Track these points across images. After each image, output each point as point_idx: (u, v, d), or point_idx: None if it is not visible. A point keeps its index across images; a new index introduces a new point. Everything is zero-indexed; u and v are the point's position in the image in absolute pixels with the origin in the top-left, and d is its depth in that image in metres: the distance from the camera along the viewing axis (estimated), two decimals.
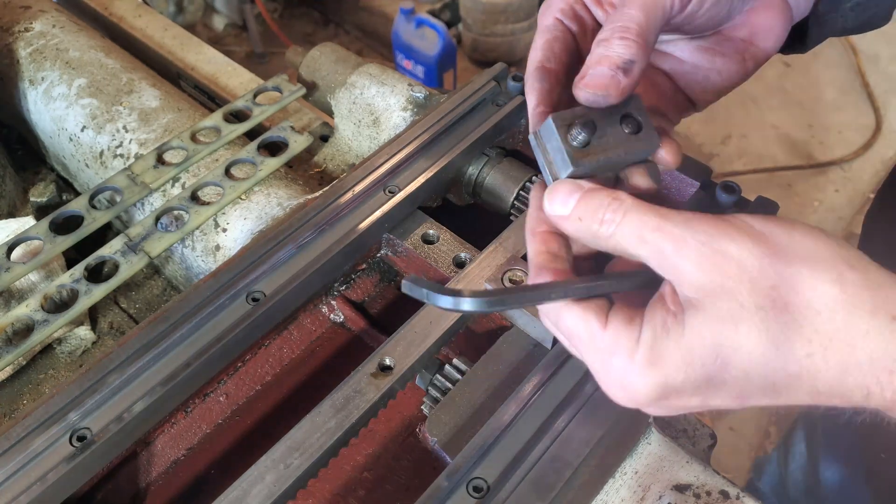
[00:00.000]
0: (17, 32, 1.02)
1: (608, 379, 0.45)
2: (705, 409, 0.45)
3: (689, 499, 0.62)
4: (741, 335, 0.40)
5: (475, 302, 0.43)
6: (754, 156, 2.96)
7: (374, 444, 0.69)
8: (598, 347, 0.45)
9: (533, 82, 0.52)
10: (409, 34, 2.85)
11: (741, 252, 0.41)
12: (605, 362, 0.45)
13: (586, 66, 0.48)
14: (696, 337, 0.41)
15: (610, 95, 0.47)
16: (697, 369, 0.41)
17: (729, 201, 0.76)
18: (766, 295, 0.40)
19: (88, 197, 0.82)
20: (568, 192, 0.46)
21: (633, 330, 0.43)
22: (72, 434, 0.60)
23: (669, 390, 0.42)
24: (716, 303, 0.41)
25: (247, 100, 0.94)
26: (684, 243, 0.41)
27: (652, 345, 0.42)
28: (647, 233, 0.42)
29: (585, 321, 0.45)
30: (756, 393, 0.42)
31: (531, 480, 0.58)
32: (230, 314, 0.68)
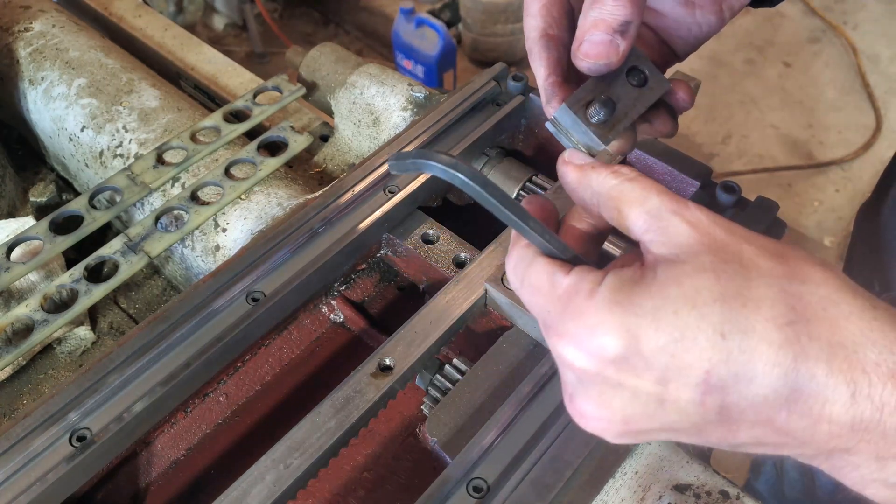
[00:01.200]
0: (16, 32, 1.02)
1: (559, 325, 0.39)
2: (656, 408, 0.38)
3: (690, 499, 0.62)
4: (722, 286, 0.36)
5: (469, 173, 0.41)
6: (754, 156, 2.96)
7: (374, 444, 0.69)
8: (557, 294, 0.40)
9: (539, 51, 0.50)
10: (409, 34, 2.85)
11: (730, 231, 0.39)
12: (561, 307, 0.40)
13: (581, 31, 0.47)
14: (670, 282, 0.37)
15: (611, 62, 0.46)
16: (669, 317, 0.36)
17: (729, 201, 0.76)
18: (751, 260, 0.38)
19: (88, 197, 0.82)
20: (588, 157, 0.47)
21: (597, 274, 0.40)
22: (72, 434, 0.60)
23: (632, 345, 0.37)
24: (698, 256, 0.38)
25: (247, 100, 0.94)
26: (685, 207, 0.40)
27: (618, 287, 0.38)
28: (654, 192, 0.41)
29: (549, 273, 0.41)
30: (727, 378, 0.36)
31: (531, 480, 0.58)
32: (230, 314, 0.68)
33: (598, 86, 0.48)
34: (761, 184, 2.85)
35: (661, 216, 0.40)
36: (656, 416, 0.39)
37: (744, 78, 3.26)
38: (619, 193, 0.42)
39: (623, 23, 0.45)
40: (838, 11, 3.48)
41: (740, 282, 0.37)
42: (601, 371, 0.38)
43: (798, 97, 3.17)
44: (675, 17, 0.56)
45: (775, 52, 3.35)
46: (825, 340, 0.36)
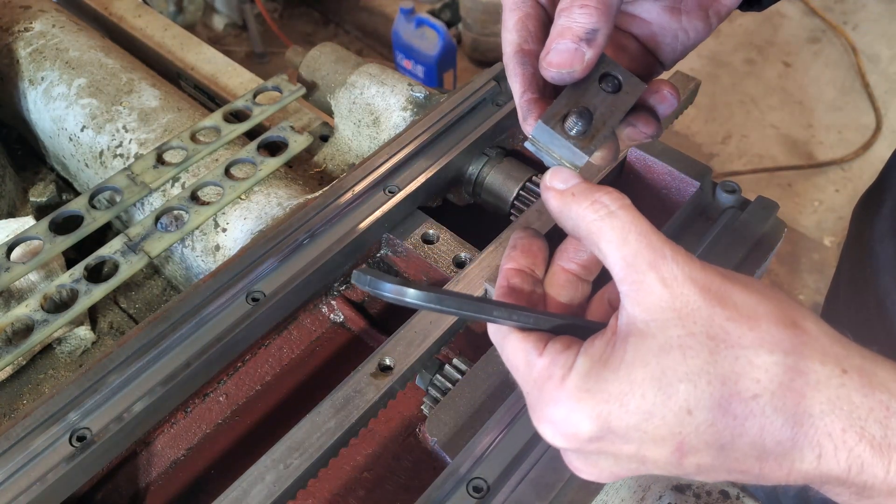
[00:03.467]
0: (16, 32, 1.02)
1: (538, 410, 0.41)
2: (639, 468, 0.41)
3: (689, 499, 0.62)
4: (688, 365, 0.37)
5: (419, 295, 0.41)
6: (754, 156, 2.96)
7: (374, 444, 0.69)
8: (533, 377, 0.42)
9: (514, 67, 0.49)
10: (409, 34, 2.85)
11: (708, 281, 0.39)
12: (538, 391, 0.41)
13: (549, 41, 0.46)
14: (637, 363, 0.38)
15: (575, 70, 0.45)
16: (636, 400, 0.38)
17: (729, 201, 0.76)
18: (721, 327, 0.38)
19: (88, 197, 0.82)
20: (571, 174, 0.45)
21: (569, 356, 0.41)
22: (72, 434, 0.60)
23: (603, 427, 0.39)
24: (666, 329, 0.38)
25: (247, 100, 0.94)
26: (663, 259, 0.39)
27: (587, 372, 0.39)
28: (633, 234, 0.40)
29: (524, 351, 0.43)
30: (697, 444, 0.38)
31: (531, 480, 0.58)
32: (230, 314, 0.68)
33: (573, 97, 0.47)
34: (761, 184, 2.85)
35: (637, 267, 0.40)
36: (641, 469, 0.41)
37: (744, 78, 3.26)
38: (598, 231, 0.42)
39: (589, 31, 0.45)
40: (838, 11, 3.49)
41: (706, 357, 0.38)
42: (581, 448, 0.41)
43: (798, 97, 3.18)
44: (661, 24, 0.55)
45: (775, 52, 3.35)
46: (790, 411, 0.38)
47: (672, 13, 0.55)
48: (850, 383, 0.38)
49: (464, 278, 0.70)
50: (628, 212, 0.41)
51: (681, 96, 0.52)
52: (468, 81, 0.90)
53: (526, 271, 0.48)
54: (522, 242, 0.50)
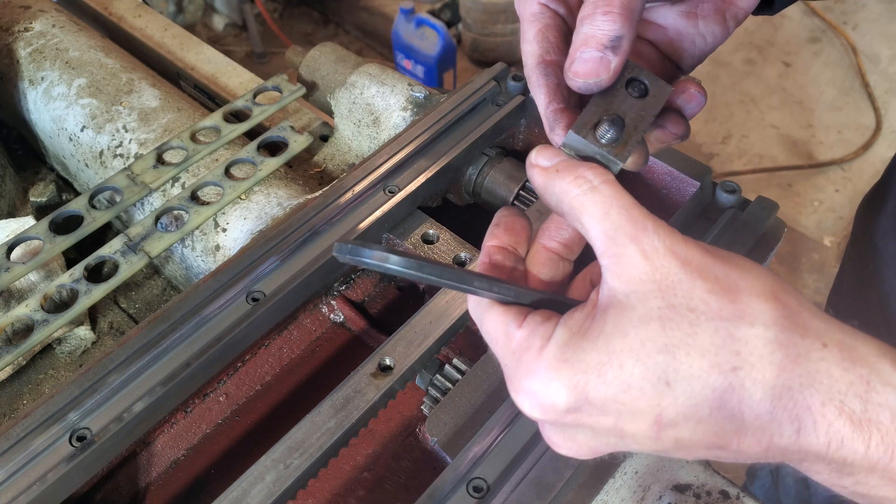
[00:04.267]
0: (16, 32, 1.02)
1: (516, 380, 0.41)
2: (617, 441, 0.41)
3: (689, 499, 0.62)
4: (667, 336, 0.37)
5: (401, 261, 0.41)
6: (754, 156, 2.96)
7: (374, 444, 0.69)
8: (511, 348, 0.42)
9: (538, 79, 0.49)
10: (409, 34, 2.85)
11: (689, 254, 0.39)
12: (516, 361, 0.41)
13: (573, 49, 0.45)
14: (616, 334, 0.38)
15: (602, 80, 0.45)
16: (614, 371, 0.38)
17: (729, 201, 0.76)
18: (701, 299, 0.38)
19: (88, 197, 0.82)
20: (557, 152, 0.45)
21: (548, 327, 0.41)
22: (71, 434, 0.60)
23: (580, 397, 0.38)
24: (646, 300, 0.38)
25: (246, 100, 0.94)
26: (644, 232, 0.39)
27: (566, 342, 0.39)
28: (614, 208, 0.40)
29: (504, 324, 0.42)
30: (675, 416, 0.38)
31: (531, 480, 0.58)
32: (230, 314, 0.68)
33: (601, 105, 0.47)
34: (761, 184, 2.85)
35: (618, 240, 0.40)
36: (619, 444, 0.41)
37: (744, 78, 3.26)
38: (580, 205, 0.42)
39: (614, 38, 0.44)
40: (838, 11, 3.49)
41: (686, 329, 0.38)
42: (558, 419, 0.40)
43: (798, 97, 3.18)
44: (678, 29, 0.55)
45: (775, 52, 3.35)
46: (769, 384, 0.37)
47: (689, 18, 0.54)
48: (830, 357, 0.38)
49: None
50: (611, 186, 0.41)
51: (705, 93, 0.52)
52: (468, 81, 0.90)
53: (508, 249, 0.48)
54: (506, 220, 0.49)
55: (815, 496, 1.20)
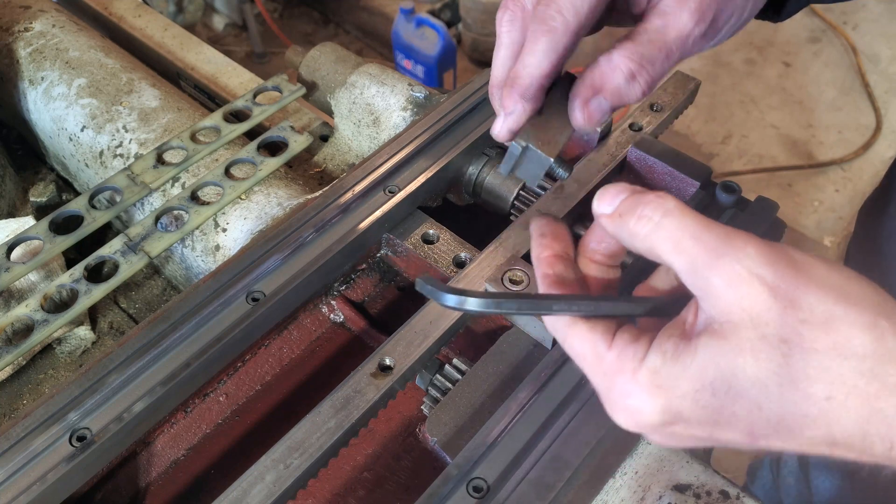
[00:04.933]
0: (16, 32, 1.02)
1: (612, 401, 0.43)
2: (714, 442, 0.43)
3: (690, 499, 0.62)
4: (759, 368, 0.38)
5: (479, 302, 0.43)
6: (754, 155, 2.96)
7: (374, 444, 0.69)
8: (603, 369, 0.43)
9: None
10: (409, 34, 2.85)
11: (777, 279, 0.38)
12: (610, 383, 0.43)
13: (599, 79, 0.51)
14: (709, 364, 0.39)
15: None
16: (707, 398, 0.39)
17: (729, 201, 0.76)
18: (794, 329, 0.38)
19: (88, 197, 0.82)
20: (616, 192, 0.45)
21: (639, 349, 0.42)
22: (71, 434, 0.60)
23: (675, 417, 0.40)
24: (738, 331, 0.39)
25: (246, 100, 0.94)
26: (720, 259, 0.39)
27: (659, 368, 0.41)
28: (685, 240, 0.40)
29: (591, 342, 0.43)
30: (769, 432, 0.40)
31: (531, 480, 0.58)
32: (230, 314, 0.68)
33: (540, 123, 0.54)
34: (761, 184, 2.85)
35: (698, 272, 0.40)
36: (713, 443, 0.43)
37: (744, 78, 3.26)
38: (652, 245, 0.42)
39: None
40: (838, 11, 3.48)
41: (779, 360, 0.38)
42: (654, 431, 0.43)
43: (798, 97, 3.18)
44: None
45: (775, 52, 3.35)
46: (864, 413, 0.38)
47: None
48: None
49: (464, 278, 0.70)
50: (673, 218, 0.41)
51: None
52: (468, 81, 0.90)
53: (563, 256, 0.49)
54: (550, 229, 0.50)
55: (816, 496, 1.20)
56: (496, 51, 0.56)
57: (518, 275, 0.68)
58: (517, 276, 0.68)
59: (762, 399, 0.39)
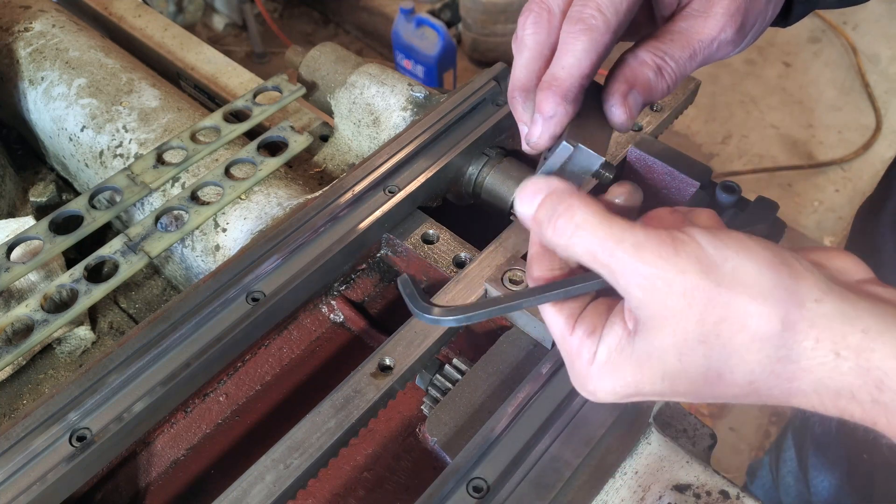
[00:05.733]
0: (16, 32, 1.02)
1: (573, 376, 0.50)
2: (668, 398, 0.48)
3: (690, 499, 0.62)
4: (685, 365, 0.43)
5: (453, 319, 0.52)
6: (754, 156, 2.96)
7: (374, 444, 0.69)
8: (566, 349, 0.49)
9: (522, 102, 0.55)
10: (409, 34, 2.85)
11: (686, 284, 0.41)
12: (572, 362, 0.49)
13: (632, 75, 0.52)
14: (644, 359, 0.44)
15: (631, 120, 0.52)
16: (646, 385, 0.45)
17: (729, 201, 0.76)
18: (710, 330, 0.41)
19: (88, 197, 0.82)
20: (533, 190, 0.47)
21: (593, 342, 0.47)
22: (71, 434, 0.60)
23: (634, 391, 0.46)
24: (662, 329, 0.42)
25: (246, 100, 0.94)
26: (634, 271, 0.42)
27: (606, 360, 0.46)
28: (599, 254, 0.43)
29: (558, 325, 0.49)
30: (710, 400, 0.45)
31: (531, 480, 0.58)
32: (230, 314, 0.68)
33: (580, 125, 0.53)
34: (761, 184, 2.85)
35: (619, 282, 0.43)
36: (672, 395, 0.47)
37: (744, 78, 3.26)
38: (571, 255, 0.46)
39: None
40: (838, 12, 3.49)
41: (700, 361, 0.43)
42: (617, 401, 0.48)
43: (798, 97, 3.18)
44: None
45: (775, 52, 3.35)
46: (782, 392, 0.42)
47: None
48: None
49: (464, 278, 0.70)
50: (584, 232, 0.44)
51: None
52: (468, 81, 0.90)
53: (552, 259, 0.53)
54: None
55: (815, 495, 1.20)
56: (518, 54, 0.54)
57: (518, 275, 0.68)
58: (517, 275, 0.68)
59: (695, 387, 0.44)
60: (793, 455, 1.29)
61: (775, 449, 1.40)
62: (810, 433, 1.23)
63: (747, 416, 2.25)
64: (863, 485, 1.08)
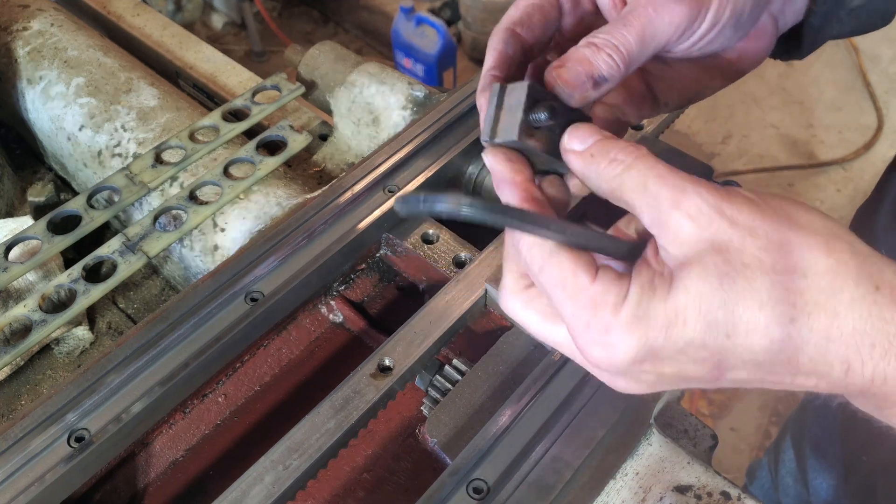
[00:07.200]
0: (15, 31, 1.02)
1: (588, 335, 0.43)
2: (681, 381, 0.43)
3: (691, 500, 0.62)
4: (726, 291, 0.39)
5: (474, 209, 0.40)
6: (755, 155, 2.96)
7: (374, 445, 0.68)
8: (584, 301, 0.42)
9: (497, 43, 0.51)
10: (408, 33, 2.85)
11: (733, 211, 0.40)
12: (589, 317, 0.42)
13: (567, 56, 0.48)
14: (681, 293, 0.40)
15: (573, 97, 0.48)
16: (679, 328, 0.40)
17: None
18: (753, 254, 0.39)
19: (86, 196, 0.82)
20: (589, 132, 0.46)
21: (622, 285, 0.42)
22: (70, 435, 0.59)
23: (648, 352, 0.41)
24: (703, 258, 0.39)
25: (245, 99, 0.94)
26: (684, 195, 0.40)
27: (639, 301, 0.41)
28: (651, 179, 0.41)
29: (574, 272, 0.43)
30: (735, 363, 0.40)
31: (531, 481, 0.58)
32: (229, 314, 0.67)
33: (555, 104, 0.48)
34: (762, 183, 2.85)
35: (661, 209, 0.41)
36: (679, 384, 0.44)
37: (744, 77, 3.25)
38: (619, 186, 0.43)
39: (602, 77, 0.47)
40: None
41: (743, 284, 0.39)
42: (626, 370, 0.43)
43: (798, 97, 3.17)
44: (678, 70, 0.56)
45: None
46: (825, 332, 0.39)
47: (692, 66, 0.55)
48: (882, 300, 0.39)
49: (464, 278, 0.70)
50: (644, 160, 0.42)
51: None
52: (468, 80, 0.89)
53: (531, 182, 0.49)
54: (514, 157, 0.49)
55: (814, 496, 1.20)
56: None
57: None
58: None
59: (729, 326, 0.39)
60: (791, 456, 1.28)
61: (774, 450, 1.39)
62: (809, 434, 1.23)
63: (748, 416, 2.25)
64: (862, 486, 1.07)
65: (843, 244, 0.40)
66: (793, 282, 0.39)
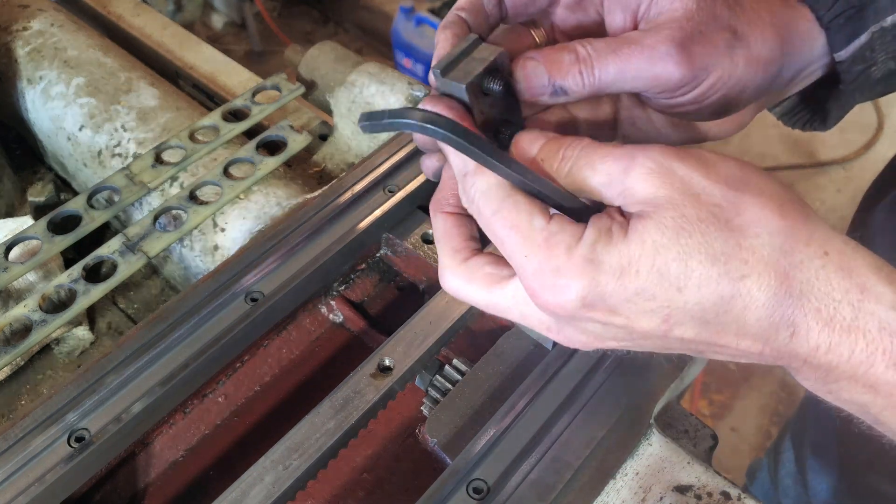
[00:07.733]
0: (15, 31, 1.02)
1: (538, 279, 0.42)
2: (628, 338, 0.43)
3: (691, 500, 0.62)
4: (681, 245, 0.39)
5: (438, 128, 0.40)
6: (756, 155, 2.96)
7: (374, 445, 0.68)
8: (537, 241, 0.42)
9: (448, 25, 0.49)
10: (408, 32, 2.85)
11: (687, 171, 0.41)
12: (541, 259, 0.41)
13: (544, 52, 0.47)
14: (636, 242, 0.40)
15: (525, 93, 0.48)
16: (631, 276, 0.40)
17: None
18: (709, 210, 0.40)
19: (86, 196, 0.82)
20: (532, 138, 0.46)
21: (578, 228, 0.42)
22: (70, 435, 0.59)
23: (597, 297, 0.40)
24: (660, 212, 0.40)
25: (245, 99, 0.94)
26: (633, 162, 0.41)
27: (593, 244, 0.40)
28: (598, 159, 0.42)
29: (530, 213, 0.42)
30: (683, 318, 0.40)
31: (532, 481, 0.58)
32: (229, 314, 0.67)
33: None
34: None
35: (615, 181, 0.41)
36: (626, 340, 0.44)
37: None
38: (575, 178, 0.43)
39: (560, 89, 0.47)
40: None
41: (698, 238, 0.39)
42: (574, 314, 0.42)
43: None
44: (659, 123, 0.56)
45: None
46: (772, 291, 0.39)
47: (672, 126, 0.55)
48: (830, 265, 0.39)
49: None
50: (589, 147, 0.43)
51: None
52: None
53: None
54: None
55: (813, 497, 1.20)
56: None
57: None
58: None
59: (682, 278, 0.39)
60: (791, 457, 1.29)
61: (774, 451, 1.40)
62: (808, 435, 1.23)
63: (748, 416, 2.25)
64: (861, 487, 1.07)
65: (796, 209, 0.41)
66: (746, 240, 0.39)
